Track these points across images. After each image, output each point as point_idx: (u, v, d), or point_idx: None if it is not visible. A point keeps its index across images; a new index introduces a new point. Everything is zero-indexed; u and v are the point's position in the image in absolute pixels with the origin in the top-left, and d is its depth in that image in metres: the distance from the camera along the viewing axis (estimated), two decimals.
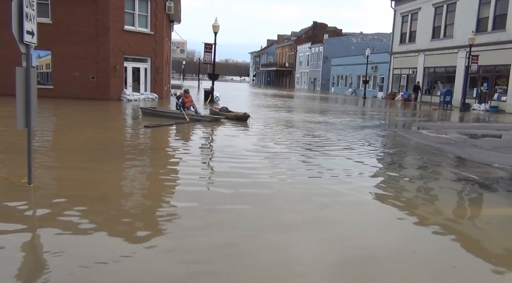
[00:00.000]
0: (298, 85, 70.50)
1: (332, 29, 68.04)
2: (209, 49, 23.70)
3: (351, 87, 49.32)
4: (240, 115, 14.15)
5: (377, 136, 12.12)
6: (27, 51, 5.21)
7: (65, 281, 3.09)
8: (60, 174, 6.35)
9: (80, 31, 20.02)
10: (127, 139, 10.30)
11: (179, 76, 61.37)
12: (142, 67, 22.48)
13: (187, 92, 15.01)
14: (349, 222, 4.68)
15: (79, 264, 3.32)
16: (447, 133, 13.21)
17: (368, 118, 18.38)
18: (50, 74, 20.43)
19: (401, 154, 9.32)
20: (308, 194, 5.71)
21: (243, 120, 13.79)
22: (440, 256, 3.88)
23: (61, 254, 3.48)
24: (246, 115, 13.92)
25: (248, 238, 4.07)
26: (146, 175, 6.63)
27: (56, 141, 9.43)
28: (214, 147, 9.61)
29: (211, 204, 5.08)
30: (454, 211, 5.40)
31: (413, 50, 34.70)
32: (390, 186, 6.50)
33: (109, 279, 3.16)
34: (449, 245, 4.19)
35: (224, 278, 3.25)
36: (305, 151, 9.11)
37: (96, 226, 4.16)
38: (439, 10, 31.67)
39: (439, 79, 32.13)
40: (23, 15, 4.95)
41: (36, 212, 4.61)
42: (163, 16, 22.66)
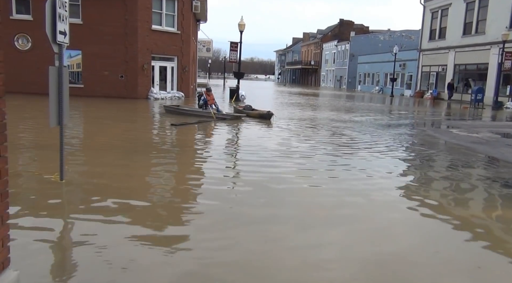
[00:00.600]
0: (324, 83, 69.89)
1: (359, 27, 67.05)
2: (234, 47, 23.80)
3: (378, 85, 48.52)
4: (263, 113, 14.14)
5: (405, 135, 11.88)
6: (60, 51, 5.36)
7: (93, 273, 3.17)
8: (90, 171, 6.51)
9: (109, 31, 20.47)
10: (154, 137, 10.47)
11: (205, 75, 61.85)
12: (169, 66, 22.78)
13: (209, 90, 15.08)
14: (374, 221, 4.61)
15: (107, 257, 3.40)
16: (479, 132, 12.82)
17: (395, 117, 18.04)
18: (80, 73, 20.97)
19: (430, 154, 9.10)
20: (334, 193, 5.66)
21: (267, 118, 13.78)
22: (465, 257, 3.77)
23: (90, 246, 3.58)
24: (269, 113, 13.90)
25: (271, 242, 4.07)
26: (173, 172, 6.73)
27: (86, 139, 9.68)
28: (238, 146, 9.65)
29: (234, 202, 5.11)
30: (483, 212, 5.24)
31: (443, 47, 33.81)
32: (418, 186, 6.37)
33: (136, 273, 3.22)
34: (476, 246, 4.07)
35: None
36: (331, 150, 9.02)
37: (126, 221, 4.25)
38: (471, 6, 30.71)
39: (470, 77, 31.20)
40: (56, 16, 5.09)
41: (68, 207, 4.75)
42: (189, 15, 22.89)
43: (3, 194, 2.53)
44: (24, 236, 3.71)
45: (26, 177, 5.74)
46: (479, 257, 3.85)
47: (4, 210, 2.56)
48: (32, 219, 4.23)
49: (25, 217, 4.25)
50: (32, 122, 11.52)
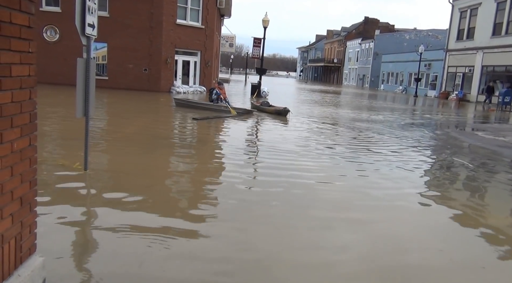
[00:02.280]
0: (346, 81, 69.18)
1: (384, 25, 66.03)
2: (258, 43, 23.83)
3: (401, 85, 47.74)
4: (280, 109, 14.10)
5: (428, 137, 11.66)
6: (88, 43, 5.46)
7: (112, 262, 3.23)
8: (113, 162, 6.63)
9: (134, 25, 20.73)
10: (175, 131, 10.57)
11: (227, 70, 62.03)
12: (192, 61, 22.93)
13: (221, 84, 15.09)
14: (394, 224, 4.55)
15: (127, 244, 3.46)
16: (506, 135, 12.47)
17: (419, 118, 17.73)
18: (105, 65, 21.32)
19: (453, 156, 8.91)
20: (352, 195, 5.61)
21: (283, 114, 13.74)
22: (479, 262, 3.69)
23: (111, 235, 3.65)
24: (286, 109, 13.85)
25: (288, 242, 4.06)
26: (193, 166, 6.78)
27: (110, 130, 9.85)
28: (257, 142, 9.65)
29: (251, 200, 5.12)
30: (505, 218, 5.10)
31: (471, 47, 32.97)
32: (440, 189, 6.25)
33: (152, 265, 3.27)
34: (494, 251, 3.97)
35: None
36: (351, 150, 8.94)
37: (146, 211, 4.32)
38: (502, 6, 29.83)
39: (498, 79, 30.35)
40: (86, 8, 5.18)
41: (91, 196, 4.84)
42: (214, 10, 22.97)
43: (32, 181, 2.60)
44: (48, 224, 3.81)
45: (51, 166, 5.88)
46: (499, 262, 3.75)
47: (33, 198, 2.63)
48: (57, 207, 4.33)
49: (50, 205, 4.36)
50: (58, 112, 11.77)
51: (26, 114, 2.48)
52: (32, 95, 2.53)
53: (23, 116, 2.43)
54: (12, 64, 2.28)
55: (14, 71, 2.30)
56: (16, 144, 2.38)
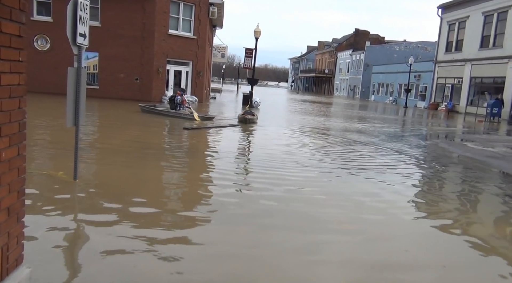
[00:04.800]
0: (337, 92, 69.69)
1: (375, 37, 66.89)
2: (249, 54, 23.90)
3: (391, 96, 48.21)
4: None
5: (417, 148, 11.77)
6: (79, 53, 5.45)
7: (99, 273, 3.19)
8: (103, 172, 6.57)
9: (126, 34, 20.76)
10: (166, 140, 10.53)
11: (219, 80, 62.19)
12: (184, 70, 22.97)
13: (182, 91, 15.83)
14: (383, 234, 4.56)
15: (114, 258, 3.42)
16: (494, 146, 12.63)
17: (409, 129, 17.90)
18: (96, 75, 21.27)
19: (443, 167, 8.99)
20: (343, 204, 5.62)
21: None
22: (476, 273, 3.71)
23: (98, 246, 3.61)
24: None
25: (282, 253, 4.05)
26: (182, 176, 6.75)
27: (99, 140, 9.78)
28: (248, 153, 9.66)
29: (239, 211, 5.11)
30: (493, 229, 5.14)
31: (460, 59, 33.50)
32: (429, 200, 6.30)
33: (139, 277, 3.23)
34: (482, 261, 4.00)
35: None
36: (342, 160, 8.98)
37: (135, 224, 4.28)
38: (489, 19, 30.43)
39: (486, 90, 30.82)
40: (77, 18, 5.18)
41: (79, 206, 4.79)
42: (206, 21, 23.09)
43: (20, 191, 2.58)
44: (35, 234, 3.76)
45: (40, 176, 5.82)
46: (488, 273, 3.78)
47: (20, 208, 2.60)
48: (44, 218, 4.28)
49: (37, 215, 4.30)
50: (48, 121, 11.68)
51: (15, 123, 2.46)
52: (21, 104, 2.51)
53: (12, 126, 2.42)
54: (2, 72, 2.28)
55: (3, 80, 2.29)
56: (5, 153, 2.36)
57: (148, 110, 15.41)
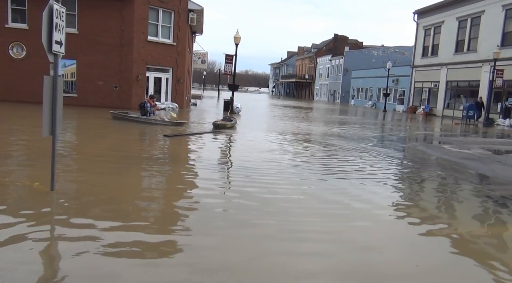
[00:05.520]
0: (318, 97, 70.35)
1: (353, 42, 67.92)
2: (230, 60, 23.93)
3: (371, 100, 48.95)
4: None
5: (396, 151, 11.95)
6: (55, 61, 5.36)
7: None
8: (81, 181, 6.45)
9: (105, 42, 20.54)
10: (146, 148, 10.42)
11: (199, 86, 62.02)
12: (164, 77, 22.83)
13: (152, 97, 16.02)
14: (360, 236, 4.61)
15: (95, 268, 3.36)
16: (470, 148, 12.93)
17: (388, 132, 18.17)
18: (74, 82, 20.94)
19: (421, 169, 9.15)
20: (321, 206, 5.66)
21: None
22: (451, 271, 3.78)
23: (77, 258, 3.53)
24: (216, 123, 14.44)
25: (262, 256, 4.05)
26: (163, 184, 6.69)
27: (77, 149, 9.61)
28: (229, 160, 9.64)
29: (220, 218, 5.09)
30: (471, 229, 5.24)
31: (436, 63, 34.29)
32: (408, 202, 6.40)
33: None
34: (459, 261, 4.08)
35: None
36: (321, 164, 9.05)
37: (113, 233, 4.21)
38: (463, 24, 31.29)
39: (462, 93, 31.59)
40: (53, 25, 5.10)
41: (57, 217, 4.69)
42: (185, 27, 23.04)
43: None
44: (11, 246, 3.66)
45: (16, 187, 5.68)
46: (463, 271, 3.85)
47: None
48: (20, 229, 4.17)
49: (13, 227, 4.19)
50: (24, 131, 11.43)
51: None
52: None
53: None
54: None
55: None
56: None
57: (120, 117, 15.43)
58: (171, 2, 21.93)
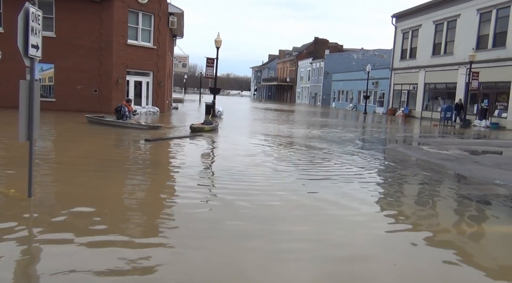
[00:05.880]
0: (299, 99, 70.76)
1: (333, 45, 68.58)
2: (211, 63, 23.88)
3: (351, 102, 49.51)
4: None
5: (377, 152, 12.11)
6: (32, 65, 5.26)
7: None
8: (59, 187, 6.33)
9: (83, 45, 20.23)
10: (126, 153, 10.30)
11: (181, 90, 61.67)
12: (144, 81, 22.62)
13: (128, 101, 16.05)
14: (339, 237, 4.64)
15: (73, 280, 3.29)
16: (448, 149, 13.20)
17: (368, 134, 18.40)
18: (52, 87, 20.56)
19: (401, 171, 9.29)
20: (303, 207, 5.69)
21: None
22: (429, 271, 3.84)
23: (55, 266, 3.46)
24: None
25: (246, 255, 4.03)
26: (143, 190, 6.61)
27: (56, 154, 9.43)
28: (212, 164, 9.60)
29: (204, 221, 5.06)
30: (451, 228, 5.34)
31: (414, 66, 34.93)
32: (388, 203, 6.48)
33: None
34: (442, 260, 4.15)
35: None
36: (303, 165, 9.10)
37: (91, 241, 4.13)
38: (440, 27, 31.99)
39: (440, 95, 32.25)
40: (29, 29, 5.00)
41: (35, 225, 4.58)
42: (166, 30, 22.89)
43: None
44: None
45: None
46: (444, 271, 3.92)
47: None
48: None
49: None
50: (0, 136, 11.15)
51: None
52: None
53: None
54: None
55: None
56: None
57: (96, 121, 15.27)
58: (151, 5, 21.78)
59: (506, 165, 10.48)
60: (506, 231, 5.38)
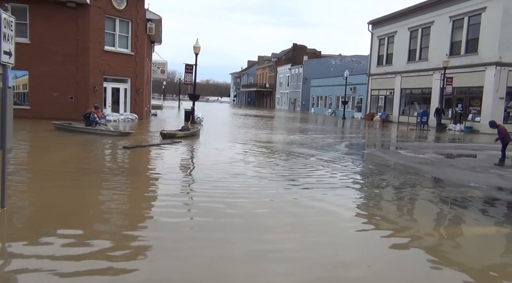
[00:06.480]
0: (279, 105, 71.13)
1: (312, 51, 69.35)
2: (189, 70, 23.77)
3: (330, 108, 50.05)
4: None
5: (355, 156, 12.25)
6: (4, 72, 5.13)
7: None
8: (35, 198, 6.17)
9: (59, 52, 19.87)
10: (104, 161, 10.13)
11: (160, 97, 61.17)
12: (122, 88, 22.35)
13: (97, 108, 15.97)
14: (318, 239, 4.67)
15: None
16: (425, 153, 13.46)
17: (347, 139, 18.61)
18: (27, 94, 20.10)
19: (379, 175, 9.42)
20: (282, 211, 5.70)
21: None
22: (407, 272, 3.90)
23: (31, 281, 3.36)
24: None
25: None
26: (122, 198, 6.51)
27: (31, 163, 9.19)
28: (191, 171, 9.54)
29: (185, 228, 5.02)
30: (427, 230, 5.44)
31: (390, 72, 35.60)
32: (367, 206, 6.55)
33: None
34: (420, 262, 4.22)
35: None
36: (282, 170, 9.13)
37: (67, 253, 4.04)
38: (414, 34, 32.74)
39: (416, 100, 32.93)
40: (1, 35, 4.89)
41: (8, 237, 4.45)
42: (144, 37, 22.72)
43: None
44: None
45: None
46: (422, 273, 3.98)
47: None
48: None
49: None
50: None
51: None
52: None
53: None
54: None
55: None
56: None
57: (63, 128, 15.04)
58: (128, 12, 21.60)
59: (480, 167, 10.76)
60: (477, 232, 5.52)
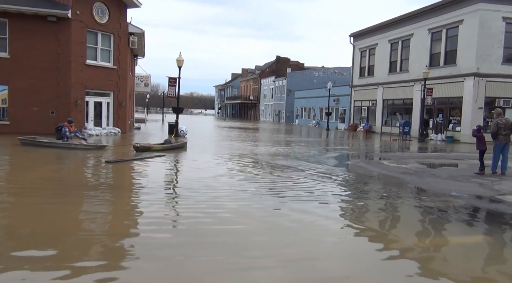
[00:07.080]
0: (263, 117, 71.38)
1: (295, 63, 70.10)
2: (173, 83, 23.69)
3: (314, 119, 50.44)
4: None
5: (339, 167, 12.31)
6: None
7: None
8: (14, 216, 6.00)
9: (39, 66, 19.60)
10: (87, 176, 9.95)
11: (143, 110, 60.80)
12: (105, 102, 22.13)
13: (70, 122, 15.70)
14: (302, 249, 4.64)
15: None
16: (407, 163, 13.61)
17: (331, 150, 18.72)
18: (6, 109, 19.73)
19: (363, 185, 9.47)
20: (269, 220, 5.66)
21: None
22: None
23: None
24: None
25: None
26: (105, 216, 6.38)
27: (10, 180, 8.97)
28: (175, 185, 9.44)
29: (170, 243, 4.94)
30: (410, 239, 5.46)
31: (372, 83, 36.13)
32: (350, 216, 6.56)
33: None
34: (404, 272, 4.22)
35: None
36: (267, 182, 9.11)
37: (48, 273, 3.92)
38: (395, 46, 33.38)
39: (398, 111, 33.42)
40: None
41: None
42: (126, 50, 22.63)
43: None
44: None
45: None
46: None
47: None
48: None
49: None
50: None
51: None
52: None
53: None
54: None
55: None
56: None
57: (30, 143, 14.49)
58: (111, 25, 21.51)
59: (461, 177, 10.91)
60: (460, 241, 5.57)
